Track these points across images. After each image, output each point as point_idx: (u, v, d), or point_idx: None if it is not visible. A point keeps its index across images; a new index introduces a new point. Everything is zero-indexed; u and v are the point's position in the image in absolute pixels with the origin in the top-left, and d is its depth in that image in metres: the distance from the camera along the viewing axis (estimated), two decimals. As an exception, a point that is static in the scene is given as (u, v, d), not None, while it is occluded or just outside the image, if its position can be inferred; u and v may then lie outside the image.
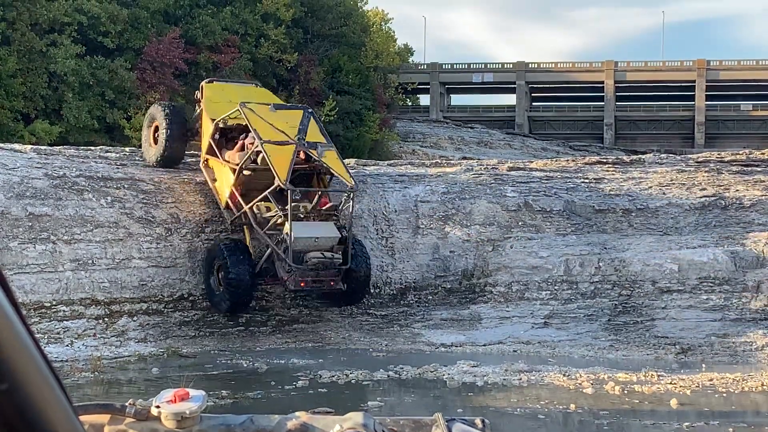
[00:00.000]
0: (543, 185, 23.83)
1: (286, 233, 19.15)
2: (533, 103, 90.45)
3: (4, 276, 1.00)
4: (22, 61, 39.80)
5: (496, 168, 25.21)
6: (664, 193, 23.36)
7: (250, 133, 20.04)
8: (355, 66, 55.29)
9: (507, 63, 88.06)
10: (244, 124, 20.36)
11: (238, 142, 20.68)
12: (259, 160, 19.81)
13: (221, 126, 21.01)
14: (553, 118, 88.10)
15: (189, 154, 23.58)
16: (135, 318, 19.92)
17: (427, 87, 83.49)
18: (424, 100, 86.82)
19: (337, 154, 20.71)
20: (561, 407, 14.05)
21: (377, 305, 21.97)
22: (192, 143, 23.24)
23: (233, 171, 20.16)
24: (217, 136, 21.00)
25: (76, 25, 41.18)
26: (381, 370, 16.76)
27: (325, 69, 53.67)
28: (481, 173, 24.50)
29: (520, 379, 16.13)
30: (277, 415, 2.17)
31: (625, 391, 15.09)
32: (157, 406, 2.11)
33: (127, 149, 25.36)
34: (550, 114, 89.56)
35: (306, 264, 19.15)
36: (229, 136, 21.25)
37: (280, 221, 19.50)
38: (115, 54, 42.71)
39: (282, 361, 18.00)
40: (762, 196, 22.90)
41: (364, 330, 21.14)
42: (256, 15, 50.11)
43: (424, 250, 22.68)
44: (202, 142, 21.89)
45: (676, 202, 22.99)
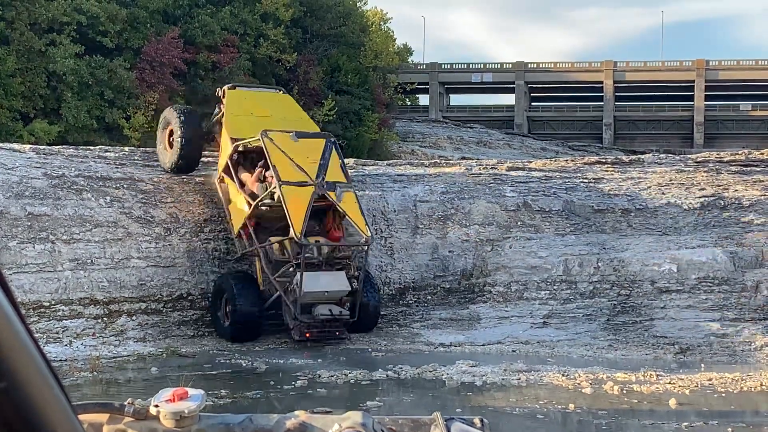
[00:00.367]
0: (542, 185, 23.82)
1: (296, 284, 18.93)
2: (532, 103, 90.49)
3: (3, 275, 1.00)
4: (21, 61, 39.75)
5: (495, 168, 25.21)
6: (663, 193, 23.34)
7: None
8: (354, 66, 55.27)
9: (506, 63, 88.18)
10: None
11: (257, 168, 20.30)
12: (275, 198, 19.55)
13: (240, 150, 20.73)
14: (553, 118, 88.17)
15: (203, 153, 23.30)
16: (134, 317, 19.91)
17: (427, 87, 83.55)
18: (424, 100, 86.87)
19: (356, 197, 20.15)
20: (560, 407, 14.05)
21: (376, 305, 21.91)
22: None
23: (248, 204, 19.92)
24: (235, 156, 20.71)
25: (75, 24, 41.12)
26: (380, 370, 16.75)
27: (324, 69, 53.65)
28: (480, 173, 24.50)
29: (519, 378, 16.11)
30: (276, 415, 2.17)
31: (624, 391, 15.08)
32: (156, 406, 2.11)
33: (126, 149, 25.33)
34: (550, 114, 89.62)
35: (313, 317, 19.10)
36: (247, 156, 20.92)
37: (291, 269, 19.33)
38: (114, 53, 42.67)
39: (281, 361, 17.97)
40: (761, 196, 22.89)
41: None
42: (255, 15, 50.08)
43: (423, 250, 22.67)
44: (220, 158, 21.64)
45: (675, 202, 22.97)
